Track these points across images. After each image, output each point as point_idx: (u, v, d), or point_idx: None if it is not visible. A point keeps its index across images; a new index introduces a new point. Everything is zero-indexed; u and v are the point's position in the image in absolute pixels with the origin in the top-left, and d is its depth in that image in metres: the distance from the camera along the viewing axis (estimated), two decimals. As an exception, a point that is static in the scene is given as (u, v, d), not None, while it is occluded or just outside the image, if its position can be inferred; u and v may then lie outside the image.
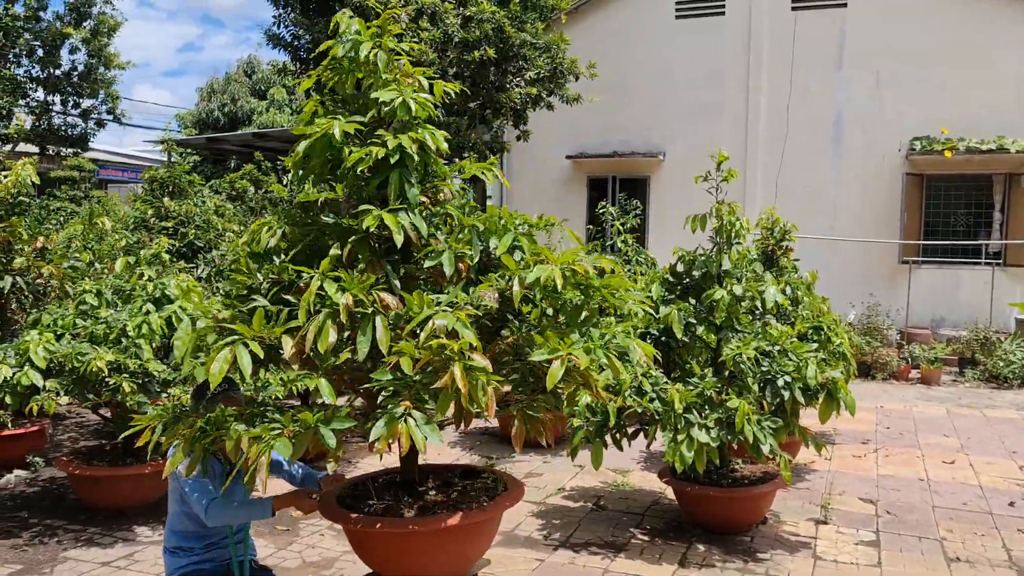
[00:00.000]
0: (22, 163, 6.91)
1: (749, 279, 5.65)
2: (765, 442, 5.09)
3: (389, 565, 3.51)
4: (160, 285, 5.78)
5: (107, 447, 6.15)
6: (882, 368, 12.19)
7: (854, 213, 14.70)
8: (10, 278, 6.65)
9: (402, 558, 3.43)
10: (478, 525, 3.48)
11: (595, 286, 3.37)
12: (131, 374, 5.26)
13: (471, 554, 3.61)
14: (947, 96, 13.97)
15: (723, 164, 5.68)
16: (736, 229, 5.55)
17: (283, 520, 5.84)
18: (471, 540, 3.52)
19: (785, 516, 6.04)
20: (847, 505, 6.35)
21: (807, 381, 5.27)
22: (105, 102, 20.50)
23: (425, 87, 3.74)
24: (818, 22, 14.83)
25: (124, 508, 5.79)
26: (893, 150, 14.41)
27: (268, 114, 28.94)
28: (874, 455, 7.85)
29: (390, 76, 3.69)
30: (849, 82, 14.69)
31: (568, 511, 6.16)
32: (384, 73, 3.68)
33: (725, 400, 5.16)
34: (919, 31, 14.11)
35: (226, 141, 20.72)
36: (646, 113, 15.97)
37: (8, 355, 5.35)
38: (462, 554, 3.55)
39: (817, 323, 6.61)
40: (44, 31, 18.90)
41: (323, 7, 12.21)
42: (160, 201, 10.18)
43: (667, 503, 6.33)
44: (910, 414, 9.74)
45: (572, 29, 14.67)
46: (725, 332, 5.61)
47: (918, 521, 6.01)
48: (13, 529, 5.59)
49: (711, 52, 15.50)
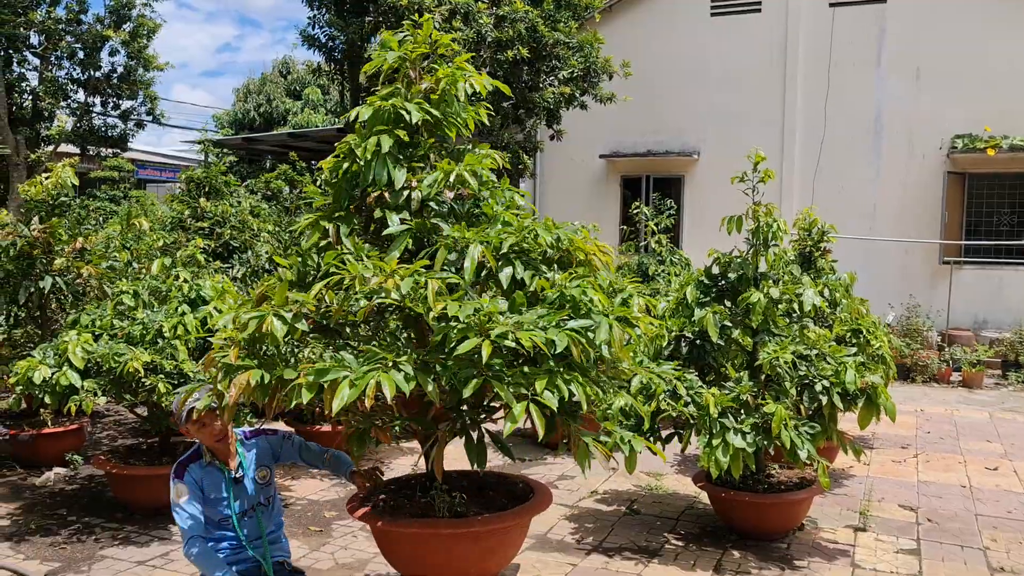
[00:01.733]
0: (62, 165, 7.01)
1: (786, 281, 5.56)
2: (803, 447, 5.00)
3: (415, 567, 3.49)
4: (196, 286, 5.82)
5: (143, 446, 6.22)
6: (922, 371, 11.96)
7: (893, 213, 14.44)
8: (50, 279, 6.75)
9: (428, 561, 3.42)
10: (505, 531, 3.46)
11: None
12: (167, 375, 5.31)
13: (499, 560, 3.58)
14: (990, 93, 13.67)
15: (760, 164, 5.59)
16: (773, 231, 5.45)
17: (316, 520, 5.86)
18: (498, 545, 3.50)
19: (822, 523, 5.94)
20: (886, 512, 6.22)
21: (846, 386, 5.17)
22: (144, 103, 20.81)
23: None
24: (857, 19, 14.59)
25: (160, 507, 5.81)
26: (934, 148, 14.13)
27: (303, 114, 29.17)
28: (914, 460, 7.70)
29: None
30: (888, 79, 14.43)
31: (601, 515, 6.11)
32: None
33: (762, 404, 5.07)
34: (961, 26, 13.81)
35: (262, 141, 20.94)
36: (680, 112, 15.83)
37: (47, 355, 5.42)
38: (489, 559, 3.53)
39: (856, 326, 6.49)
40: (85, 33, 19.21)
41: (357, 8, 12.29)
42: (196, 201, 10.29)
43: (701, 508, 6.26)
44: (951, 418, 9.54)
45: (605, 28, 14.58)
46: (761, 335, 5.52)
47: (960, 529, 5.87)
48: (52, 527, 5.67)
49: (747, 50, 15.32)
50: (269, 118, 29.73)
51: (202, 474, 3.78)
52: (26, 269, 6.82)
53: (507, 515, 3.53)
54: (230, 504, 3.82)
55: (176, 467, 3.79)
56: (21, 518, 5.85)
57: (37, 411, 7.12)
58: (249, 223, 10.39)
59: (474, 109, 4.09)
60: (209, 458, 3.81)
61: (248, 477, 3.89)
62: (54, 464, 6.96)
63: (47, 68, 19.08)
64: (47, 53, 18.87)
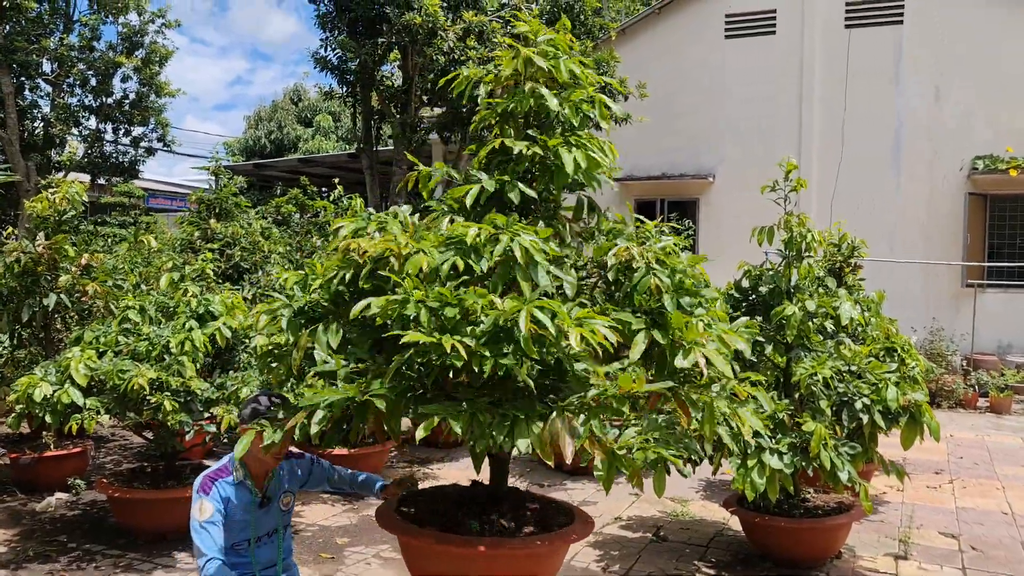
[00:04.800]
0: (71, 181, 6.84)
1: (821, 295, 5.31)
2: (843, 468, 4.73)
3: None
4: (204, 301, 5.60)
5: (148, 469, 5.97)
6: (947, 396, 11.64)
7: (913, 234, 14.18)
8: (55, 296, 6.55)
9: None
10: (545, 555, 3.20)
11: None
12: (173, 392, 5.07)
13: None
14: (1010, 113, 13.46)
15: (791, 173, 5.37)
16: (807, 241, 5.21)
17: (328, 547, 5.59)
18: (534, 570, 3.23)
19: (860, 550, 5.63)
20: (927, 539, 5.91)
21: (887, 404, 4.90)
22: (155, 129, 20.80)
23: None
24: (873, 39, 14.44)
25: (165, 532, 5.58)
26: (954, 169, 13.90)
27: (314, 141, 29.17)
28: (950, 486, 7.38)
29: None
30: (906, 100, 14.24)
31: (627, 542, 5.82)
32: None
33: (800, 423, 4.80)
34: (979, 46, 13.64)
35: (272, 167, 20.87)
36: (695, 134, 15.66)
37: (49, 372, 5.20)
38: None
39: (889, 344, 6.21)
40: (97, 60, 19.23)
41: (370, 30, 12.18)
42: (207, 223, 10.12)
43: (731, 534, 5.96)
44: (983, 443, 9.21)
45: (620, 49, 14.45)
46: (796, 351, 5.26)
47: (1007, 558, 5.55)
48: (51, 554, 5.40)
49: (762, 72, 15.18)
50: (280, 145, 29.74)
51: (231, 492, 3.47)
52: (30, 286, 6.61)
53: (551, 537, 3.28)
54: (250, 527, 3.54)
55: (202, 480, 3.45)
56: (19, 545, 5.58)
57: (39, 434, 6.89)
58: (260, 245, 10.22)
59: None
60: (241, 475, 3.49)
61: (275, 501, 3.61)
62: (56, 489, 6.71)
63: (59, 95, 19.08)
64: (59, 80, 18.88)
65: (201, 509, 3.35)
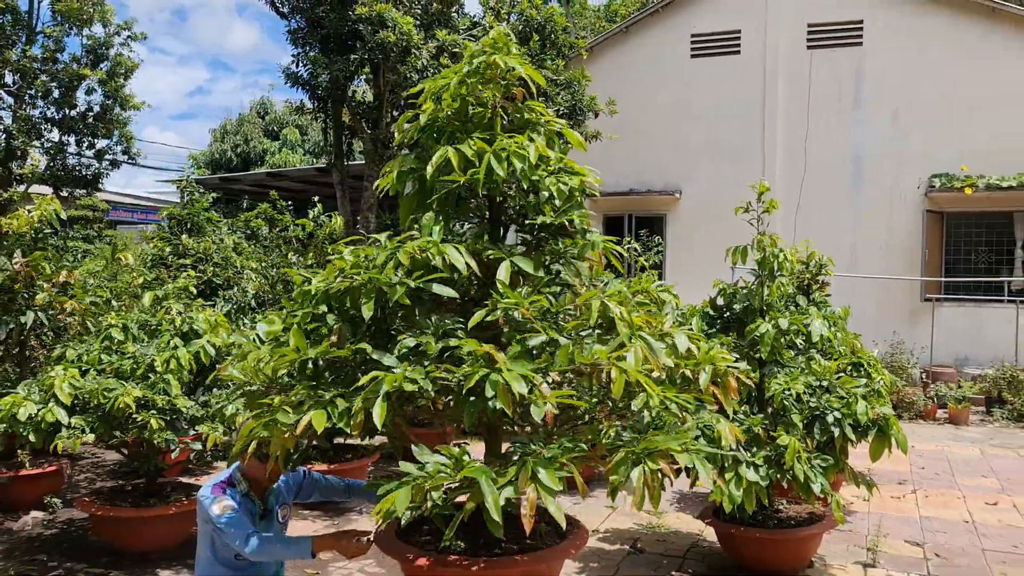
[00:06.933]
0: (48, 199, 6.83)
1: (793, 312, 5.50)
2: (816, 480, 4.91)
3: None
4: (188, 319, 5.64)
5: (128, 487, 5.97)
6: (908, 408, 11.96)
7: (874, 251, 14.57)
8: (32, 313, 6.53)
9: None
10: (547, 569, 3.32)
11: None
12: (159, 410, 5.10)
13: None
14: (967, 133, 13.92)
15: (764, 195, 5.57)
16: (779, 261, 5.41)
17: (311, 563, 5.63)
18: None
19: (831, 559, 5.82)
20: (894, 548, 6.12)
21: (857, 417, 5.10)
22: (120, 142, 20.57)
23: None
24: (834, 60, 14.85)
25: (148, 551, 5.59)
26: (912, 188, 14.32)
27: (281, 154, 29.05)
28: (913, 496, 7.62)
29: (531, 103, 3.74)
30: (867, 119, 14.66)
31: (605, 554, 5.94)
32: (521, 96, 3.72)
33: (775, 437, 4.97)
34: (937, 68, 14.10)
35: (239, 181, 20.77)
36: (663, 151, 15.95)
37: (32, 391, 5.20)
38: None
39: (857, 359, 6.44)
40: (61, 72, 19.01)
41: (342, 47, 12.24)
42: (178, 238, 10.10)
43: (707, 545, 6.11)
44: (943, 454, 9.51)
45: (588, 66, 14.69)
46: (769, 367, 5.44)
47: (970, 565, 5.78)
48: (32, 573, 5.39)
49: (727, 91, 15.51)
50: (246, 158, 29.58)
51: (238, 502, 3.60)
52: (7, 304, 6.60)
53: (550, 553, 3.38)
54: None
55: (213, 487, 3.60)
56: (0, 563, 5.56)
57: (14, 453, 6.84)
58: (232, 260, 10.22)
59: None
60: (245, 488, 3.64)
61: (274, 512, 3.75)
62: (31, 508, 6.67)
63: (21, 107, 18.82)
64: (21, 92, 18.62)
65: (221, 506, 3.51)
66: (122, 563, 5.53)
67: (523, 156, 3.43)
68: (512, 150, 3.43)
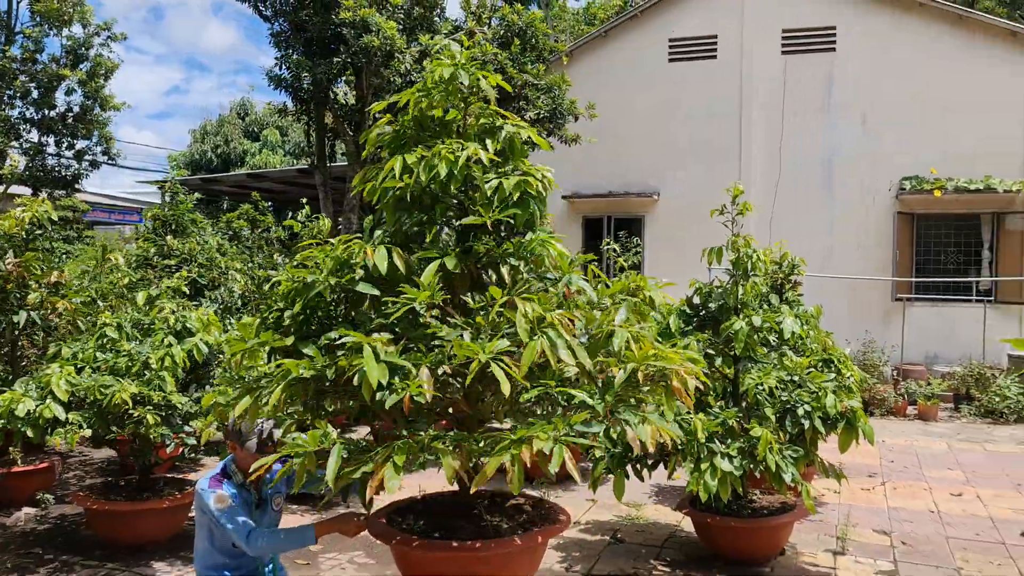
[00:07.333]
0: (40, 200, 6.95)
1: (765, 310, 5.74)
2: (787, 471, 5.14)
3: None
4: (181, 318, 5.80)
5: (121, 483, 6.11)
6: (879, 404, 12.28)
7: (847, 252, 14.92)
8: (24, 313, 6.65)
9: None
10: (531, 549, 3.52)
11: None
12: (155, 406, 5.26)
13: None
14: (936, 137, 14.30)
15: (738, 198, 5.81)
16: (753, 261, 5.65)
17: (302, 555, 5.80)
18: (522, 564, 3.54)
19: (802, 547, 6.07)
20: (862, 537, 6.38)
21: (826, 410, 5.35)
22: (100, 143, 20.56)
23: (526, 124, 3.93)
24: (808, 66, 15.19)
25: (143, 544, 5.74)
26: (884, 190, 14.68)
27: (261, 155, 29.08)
28: (882, 488, 7.91)
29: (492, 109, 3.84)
30: (839, 123, 15.01)
31: (586, 544, 6.16)
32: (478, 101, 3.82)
33: (748, 429, 5.21)
34: (908, 73, 14.48)
35: (220, 182, 20.82)
36: (641, 154, 16.22)
37: (30, 388, 5.34)
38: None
39: (827, 356, 6.69)
40: (40, 72, 19.00)
41: (324, 50, 12.40)
42: (163, 239, 10.21)
43: (684, 535, 6.35)
44: (912, 449, 9.81)
45: (568, 70, 14.93)
46: (743, 363, 5.68)
47: (934, 551, 6.04)
48: (29, 565, 5.52)
49: (704, 95, 15.81)
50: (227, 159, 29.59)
51: (234, 493, 3.77)
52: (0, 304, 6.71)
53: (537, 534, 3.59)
54: None
55: (210, 481, 3.77)
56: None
57: (5, 450, 6.95)
58: (217, 261, 10.34)
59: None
60: (241, 479, 3.81)
61: (269, 502, 3.92)
62: (23, 504, 6.79)
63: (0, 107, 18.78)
64: (0, 93, 18.59)
65: (220, 499, 3.69)
66: (116, 556, 5.68)
67: (452, 160, 3.57)
68: (443, 155, 3.59)
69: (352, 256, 3.53)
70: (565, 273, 3.85)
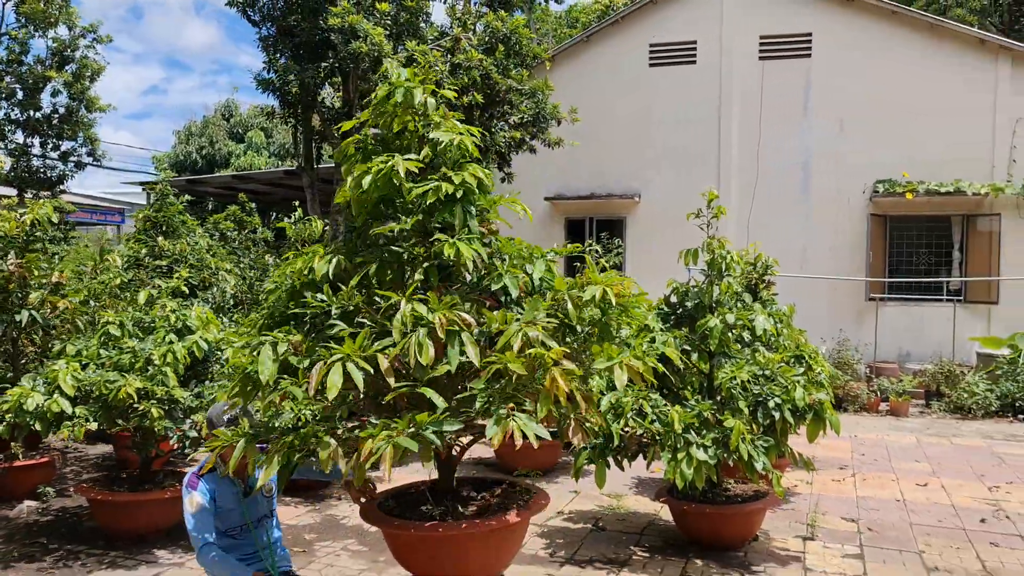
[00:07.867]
0: (41, 202, 7.16)
1: (739, 309, 6.07)
2: (759, 459, 5.46)
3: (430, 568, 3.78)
4: (181, 316, 6.05)
5: (123, 475, 6.35)
6: (853, 401, 12.67)
7: (823, 253, 15.32)
8: (26, 312, 6.87)
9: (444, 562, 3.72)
10: (514, 528, 3.80)
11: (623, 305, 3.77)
12: (158, 400, 5.50)
13: (504, 558, 3.91)
14: (909, 141, 14.73)
15: (712, 203, 6.13)
16: (727, 262, 5.97)
17: (298, 543, 6.07)
18: (506, 543, 3.83)
19: (774, 534, 6.40)
20: (831, 523, 6.72)
21: (796, 402, 5.67)
22: (84, 144, 20.67)
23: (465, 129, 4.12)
24: (785, 71, 15.58)
25: (144, 534, 5.98)
26: (858, 193, 15.10)
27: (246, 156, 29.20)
28: (852, 479, 8.26)
29: (438, 119, 4.06)
30: (815, 127, 15.41)
31: (570, 532, 6.46)
32: (434, 116, 4.05)
33: (722, 420, 5.52)
34: (881, 79, 14.90)
35: (206, 183, 20.96)
36: (623, 157, 16.55)
37: (37, 384, 5.57)
38: (496, 557, 3.86)
39: (798, 352, 7.02)
40: (25, 74, 19.10)
41: (312, 54, 12.63)
42: (154, 240, 10.42)
43: (662, 524, 6.66)
44: (883, 442, 10.19)
45: (551, 75, 15.23)
46: (718, 359, 6.00)
47: (898, 537, 6.39)
48: (35, 554, 5.76)
49: (684, 99, 16.17)
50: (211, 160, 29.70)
51: (216, 485, 4.00)
52: (1, 303, 6.92)
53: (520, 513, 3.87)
54: (240, 514, 4.06)
55: (189, 478, 3.99)
56: (2, 547, 5.91)
57: (7, 444, 7.16)
58: (207, 262, 10.56)
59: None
60: (224, 470, 4.03)
61: (259, 491, 4.13)
62: (25, 497, 7.00)
63: (-16, 109, 18.88)
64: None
65: (191, 502, 3.93)
66: (119, 544, 5.92)
67: (375, 172, 3.78)
68: (372, 168, 3.80)
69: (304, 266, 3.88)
70: (499, 272, 3.93)
